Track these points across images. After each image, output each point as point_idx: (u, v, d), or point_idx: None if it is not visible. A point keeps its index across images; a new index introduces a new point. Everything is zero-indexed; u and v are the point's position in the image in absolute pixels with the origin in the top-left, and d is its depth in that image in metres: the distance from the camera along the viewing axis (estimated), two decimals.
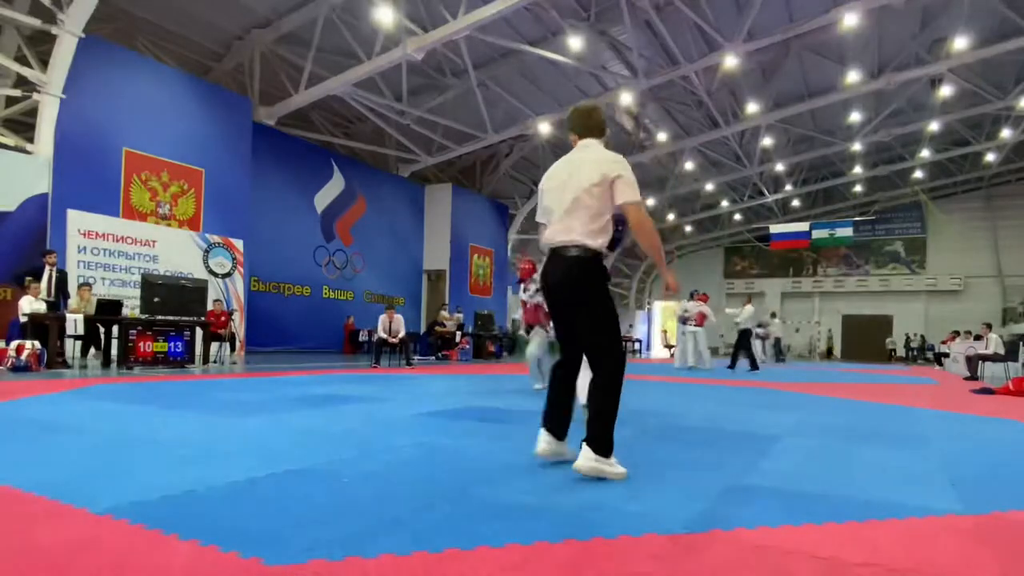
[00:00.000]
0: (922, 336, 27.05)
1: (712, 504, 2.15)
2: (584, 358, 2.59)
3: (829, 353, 29.21)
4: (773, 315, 20.91)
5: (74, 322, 8.54)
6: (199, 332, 9.19)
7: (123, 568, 1.45)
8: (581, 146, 2.68)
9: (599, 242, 2.50)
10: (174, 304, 8.57)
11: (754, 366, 12.60)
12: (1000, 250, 27.63)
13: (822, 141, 20.54)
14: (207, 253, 11.80)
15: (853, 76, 15.47)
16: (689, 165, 21.57)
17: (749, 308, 13.09)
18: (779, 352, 19.54)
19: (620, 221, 2.69)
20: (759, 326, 21.16)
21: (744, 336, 12.73)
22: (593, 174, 2.50)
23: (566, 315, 2.60)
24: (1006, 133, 19.89)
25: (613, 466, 2.42)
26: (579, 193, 2.51)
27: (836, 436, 3.87)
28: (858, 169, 23.65)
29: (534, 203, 22.05)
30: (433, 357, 14.36)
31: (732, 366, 12.93)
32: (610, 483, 2.42)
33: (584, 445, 2.41)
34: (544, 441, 2.64)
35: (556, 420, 2.65)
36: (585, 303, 2.51)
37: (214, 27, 12.79)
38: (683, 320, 13.09)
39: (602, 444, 2.40)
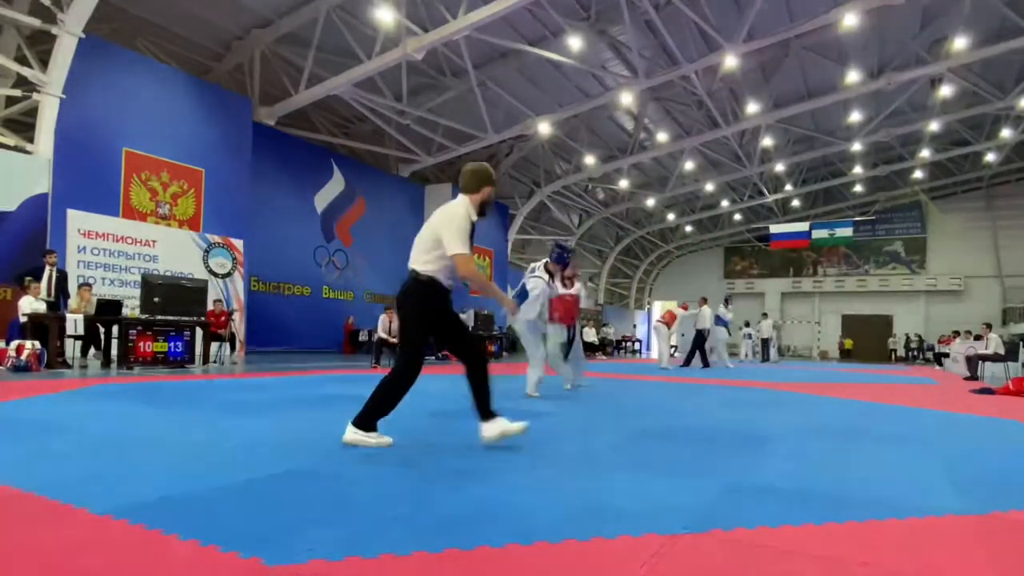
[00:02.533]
0: (919, 336, 27.05)
1: (712, 504, 2.15)
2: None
3: (849, 354, 29.10)
4: (765, 315, 20.97)
5: (74, 322, 8.53)
6: (199, 332, 9.19)
7: (123, 568, 1.45)
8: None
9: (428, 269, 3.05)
10: (174, 304, 8.57)
11: (687, 363, 13.36)
12: (1000, 250, 27.64)
13: (822, 141, 20.54)
14: (207, 253, 11.79)
15: (853, 76, 15.47)
16: (689, 165, 21.57)
17: (705, 309, 13.41)
18: (766, 352, 19.62)
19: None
20: (746, 325, 21.31)
21: (699, 336, 13.21)
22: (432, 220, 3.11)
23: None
24: (1006, 133, 19.90)
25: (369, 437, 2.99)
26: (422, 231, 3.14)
27: (836, 436, 3.87)
28: (858, 169, 23.65)
29: (534, 203, 22.21)
30: (433, 357, 14.35)
31: (705, 364, 13.33)
32: (610, 483, 2.42)
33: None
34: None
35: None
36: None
37: (214, 27, 12.79)
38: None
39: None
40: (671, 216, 28.07)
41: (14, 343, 7.46)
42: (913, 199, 26.95)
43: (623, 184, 22.87)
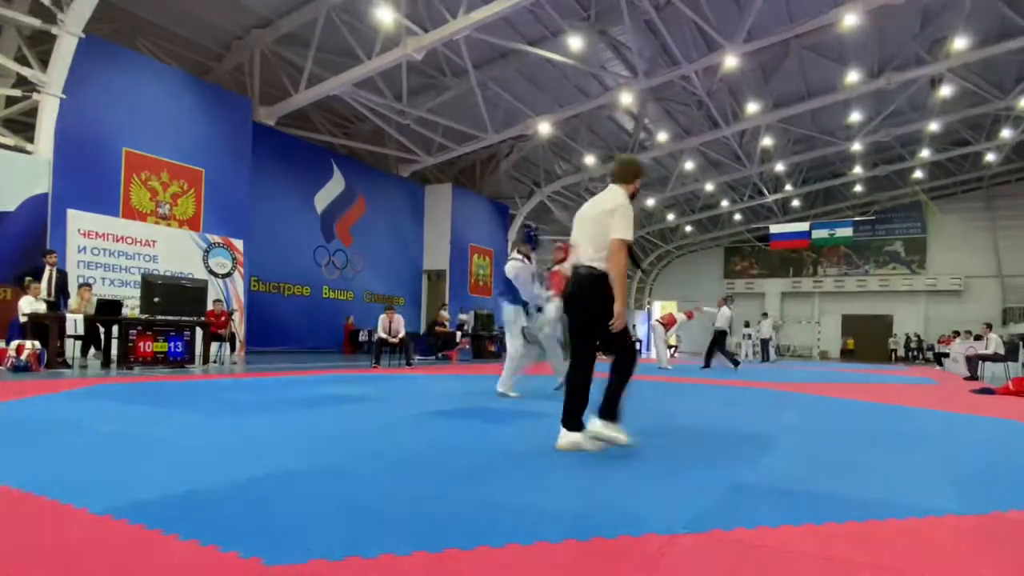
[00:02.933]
0: (919, 336, 27.05)
1: (712, 504, 2.15)
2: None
3: (851, 354, 29.01)
4: (765, 315, 20.97)
5: (74, 322, 8.54)
6: (199, 332, 9.19)
7: (123, 568, 1.45)
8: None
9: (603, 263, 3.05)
10: (174, 304, 8.57)
11: (735, 363, 13.12)
12: (1000, 250, 27.62)
13: (822, 141, 20.53)
14: (207, 253, 11.79)
15: (853, 76, 15.47)
16: (689, 165, 21.57)
17: (725, 310, 13.31)
18: (766, 352, 19.61)
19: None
20: (746, 325, 21.29)
21: (720, 336, 13.09)
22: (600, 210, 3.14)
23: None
24: (1006, 133, 19.88)
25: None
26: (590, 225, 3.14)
27: (836, 436, 3.87)
28: (858, 169, 23.64)
29: (534, 203, 22.21)
30: (433, 357, 14.36)
31: (706, 365, 13.13)
32: (610, 483, 2.42)
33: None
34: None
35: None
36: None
37: (214, 27, 12.79)
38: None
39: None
40: (671, 216, 28.06)
41: (14, 343, 7.45)
42: (913, 199, 26.94)
43: None
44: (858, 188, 26.63)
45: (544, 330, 6.19)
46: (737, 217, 29.57)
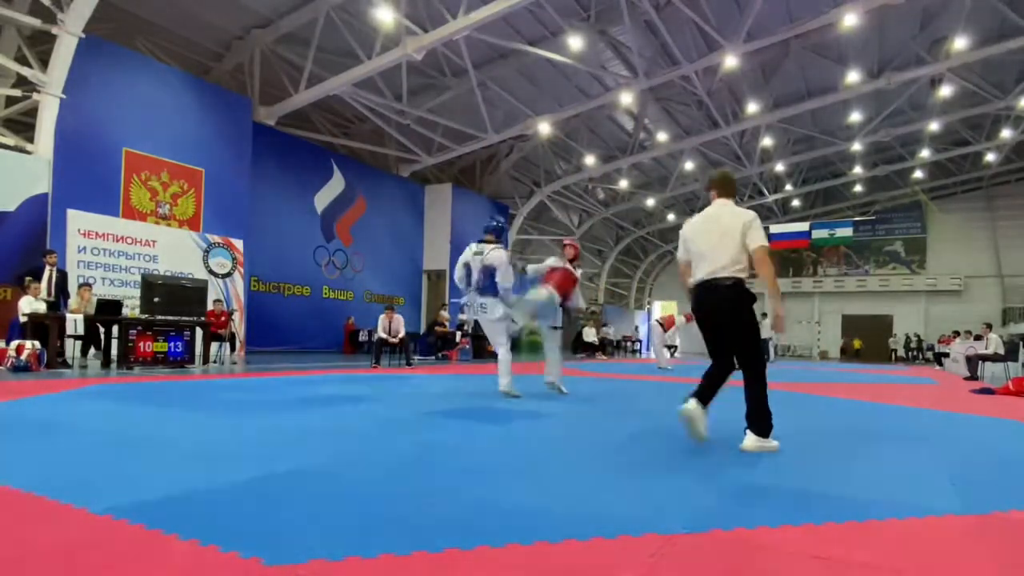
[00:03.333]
0: (919, 336, 27.05)
1: (712, 504, 2.15)
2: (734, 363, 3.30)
3: (858, 354, 29.00)
4: (764, 315, 20.95)
5: (74, 322, 8.53)
6: (199, 332, 9.18)
7: (123, 568, 1.45)
8: (719, 203, 3.44)
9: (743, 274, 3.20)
10: (174, 304, 8.56)
11: None
12: (1000, 250, 27.64)
13: (822, 141, 20.55)
14: (207, 253, 11.79)
15: (853, 76, 15.49)
16: (689, 165, 21.58)
17: None
18: (765, 352, 19.64)
19: None
20: None
21: None
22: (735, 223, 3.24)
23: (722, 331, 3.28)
24: (1006, 133, 19.90)
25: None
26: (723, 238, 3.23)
27: (836, 436, 3.87)
28: (858, 169, 23.66)
29: (534, 203, 22.22)
30: (433, 357, 14.36)
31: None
32: (610, 483, 2.42)
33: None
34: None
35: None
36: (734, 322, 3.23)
37: (214, 27, 12.80)
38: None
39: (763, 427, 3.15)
40: (671, 216, 28.07)
41: (14, 343, 7.45)
42: (913, 199, 26.96)
43: (623, 184, 22.87)
44: (858, 188, 26.65)
45: (521, 314, 5.89)
46: None
